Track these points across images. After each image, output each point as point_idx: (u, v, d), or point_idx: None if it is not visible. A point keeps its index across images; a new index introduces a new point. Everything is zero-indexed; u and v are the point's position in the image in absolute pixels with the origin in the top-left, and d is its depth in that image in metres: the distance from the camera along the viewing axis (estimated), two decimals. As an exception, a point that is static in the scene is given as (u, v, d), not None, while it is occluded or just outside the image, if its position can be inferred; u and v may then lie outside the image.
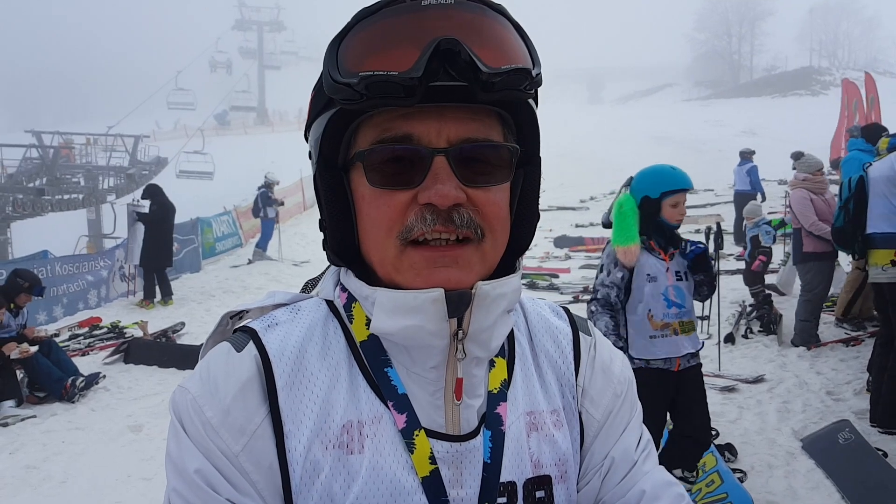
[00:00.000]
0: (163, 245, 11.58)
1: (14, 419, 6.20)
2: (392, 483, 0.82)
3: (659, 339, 3.62)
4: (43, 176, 20.99)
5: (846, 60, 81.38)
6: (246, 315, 0.97)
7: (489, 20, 0.80)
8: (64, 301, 11.03)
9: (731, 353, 7.29)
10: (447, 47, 0.75)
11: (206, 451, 0.81)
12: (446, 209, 0.80)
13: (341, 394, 0.85)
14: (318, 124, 0.87)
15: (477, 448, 0.86)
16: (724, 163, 28.02)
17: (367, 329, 0.88)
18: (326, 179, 0.88)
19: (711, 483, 4.11)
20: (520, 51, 0.81)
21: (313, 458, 0.82)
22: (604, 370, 1.00)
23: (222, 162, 34.43)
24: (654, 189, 3.61)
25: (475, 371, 0.88)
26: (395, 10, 0.78)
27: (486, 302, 0.83)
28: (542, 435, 0.92)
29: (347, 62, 0.78)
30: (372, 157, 0.82)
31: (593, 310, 3.65)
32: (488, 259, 0.85)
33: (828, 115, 34.22)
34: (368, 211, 0.84)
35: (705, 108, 55.68)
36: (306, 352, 0.87)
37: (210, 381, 0.84)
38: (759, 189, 14.63)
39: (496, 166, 0.84)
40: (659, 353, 3.62)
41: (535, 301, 1.07)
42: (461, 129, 0.81)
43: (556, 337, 1.00)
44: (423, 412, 0.86)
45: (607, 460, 0.96)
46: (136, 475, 5.02)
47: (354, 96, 0.78)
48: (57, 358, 7.03)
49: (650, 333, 3.62)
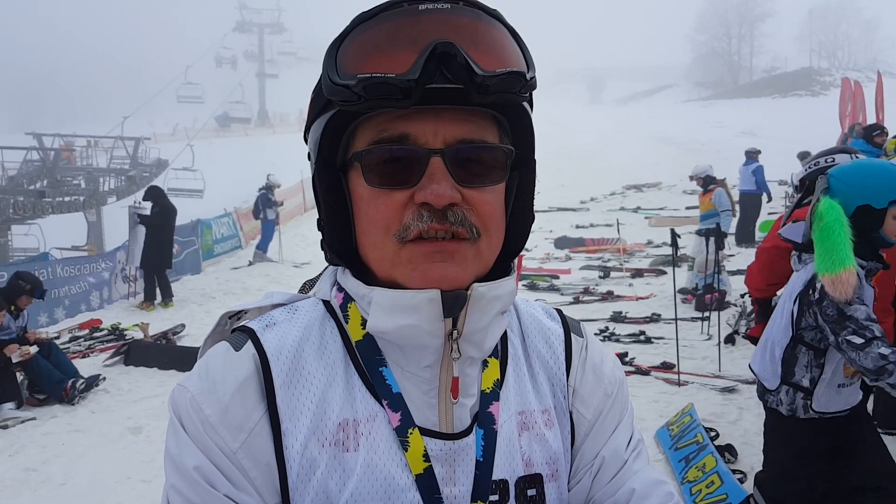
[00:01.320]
0: (164, 247, 11.58)
1: (14, 421, 6.20)
2: (386, 480, 0.84)
3: (846, 387, 2.86)
4: (43, 178, 21.04)
5: (846, 61, 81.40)
6: (244, 315, 0.99)
7: (484, 24, 0.82)
8: (66, 303, 11.04)
9: (732, 353, 7.29)
10: (443, 50, 0.77)
11: (204, 448, 0.82)
12: (441, 208, 0.81)
13: (337, 392, 0.87)
14: (318, 125, 0.89)
15: (470, 446, 0.88)
16: (724, 164, 27.94)
17: (362, 329, 0.89)
18: (325, 179, 0.89)
19: (711, 484, 4.11)
20: (514, 54, 0.83)
21: (310, 455, 0.84)
22: (595, 371, 1.02)
23: (223, 163, 34.52)
24: (883, 196, 2.71)
25: (469, 371, 0.89)
26: (393, 14, 0.80)
27: (481, 303, 0.85)
28: (533, 434, 0.94)
29: (346, 64, 0.80)
30: (369, 158, 0.84)
31: (885, 353, 2.48)
32: (483, 258, 0.87)
33: (828, 116, 34.21)
34: (366, 210, 0.86)
35: (705, 108, 55.74)
36: (303, 351, 0.88)
37: (209, 379, 0.86)
38: (764, 189, 14.55)
39: (491, 167, 0.86)
40: (841, 405, 2.87)
41: (529, 302, 1.08)
42: (457, 130, 0.83)
43: (548, 338, 1.02)
44: (417, 411, 0.87)
45: (598, 459, 0.97)
46: (136, 477, 5.02)
47: (352, 98, 0.79)
48: (57, 360, 7.03)
49: (840, 382, 2.83)
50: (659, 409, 5.68)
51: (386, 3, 0.81)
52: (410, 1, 0.79)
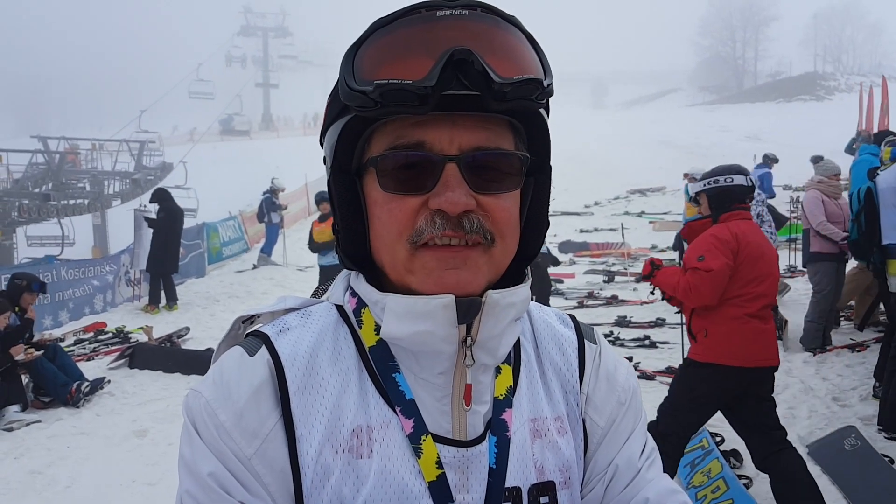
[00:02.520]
0: (169, 250, 11.60)
1: (19, 424, 6.21)
2: (400, 487, 0.83)
3: None
4: (49, 181, 21.10)
5: (850, 65, 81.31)
6: (257, 319, 0.99)
7: (502, 31, 0.81)
8: (70, 306, 11.07)
9: (737, 358, 7.26)
10: (460, 57, 0.77)
11: (219, 454, 0.82)
12: (456, 216, 0.81)
13: (351, 399, 0.87)
14: (334, 130, 0.89)
15: (483, 453, 0.87)
16: (728, 168, 27.96)
17: (375, 334, 0.89)
18: (340, 184, 0.89)
19: (717, 489, 4.10)
20: (532, 61, 0.82)
21: (324, 462, 0.83)
22: (608, 378, 1.01)
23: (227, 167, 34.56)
24: None
25: (482, 378, 0.89)
26: (410, 20, 0.80)
27: (495, 310, 0.85)
28: (545, 441, 0.93)
29: (363, 70, 0.80)
30: (385, 163, 0.84)
31: None
32: (497, 264, 0.87)
33: (832, 121, 34.17)
34: (380, 215, 0.86)
35: (709, 113, 55.68)
36: (317, 357, 0.88)
37: (223, 384, 0.86)
38: (769, 196, 14.56)
39: (506, 174, 0.85)
40: None
41: (542, 308, 1.08)
42: (473, 137, 0.83)
43: (561, 345, 1.01)
44: (430, 417, 0.87)
45: (611, 468, 0.97)
46: (141, 480, 5.02)
47: (369, 103, 0.79)
48: (62, 363, 7.04)
49: None
50: (664, 414, 5.65)
51: (403, 8, 0.81)
52: (428, 7, 0.79)
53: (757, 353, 3.75)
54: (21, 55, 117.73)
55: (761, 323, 3.79)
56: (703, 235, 3.93)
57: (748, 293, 3.78)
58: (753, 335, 3.74)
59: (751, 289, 3.78)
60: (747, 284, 3.78)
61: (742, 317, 3.75)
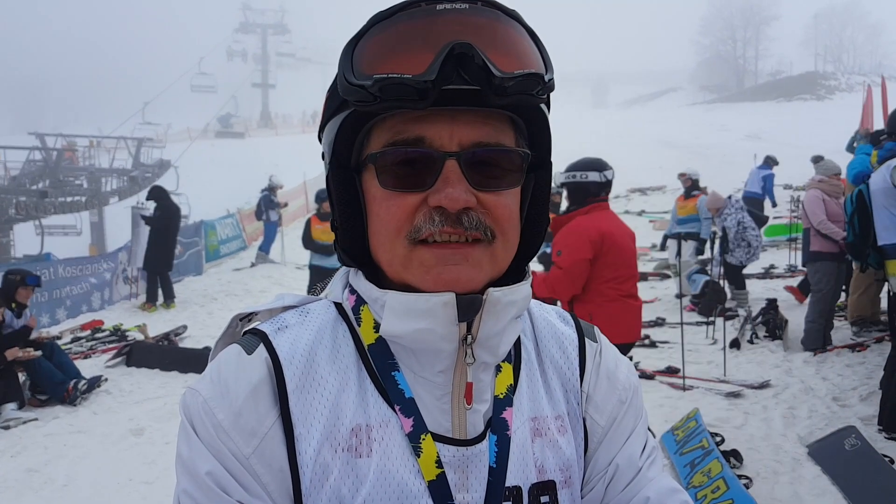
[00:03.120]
0: (167, 248, 11.59)
1: (16, 422, 6.19)
2: (399, 486, 0.83)
3: None
4: (46, 178, 21.04)
5: (851, 65, 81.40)
6: (255, 317, 0.98)
7: (503, 25, 0.80)
8: (67, 303, 11.05)
9: (737, 358, 7.26)
10: (461, 51, 0.76)
11: (217, 453, 0.81)
12: (456, 212, 0.80)
13: (350, 397, 0.86)
14: (332, 125, 0.88)
15: (483, 452, 0.87)
16: (728, 167, 28.03)
17: (374, 332, 0.88)
18: (339, 180, 0.88)
19: (717, 489, 4.09)
20: (533, 56, 0.81)
21: (323, 461, 0.83)
22: (609, 377, 1.01)
23: (225, 164, 34.51)
24: None
25: (482, 376, 0.88)
26: (410, 14, 0.78)
27: (496, 308, 0.84)
28: (546, 440, 0.93)
29: (362, 64, 0.78)
30: (384, 159, 0.83)
31: None
32: (498, 260, 0.86)
33: (832, 120, 34.21)
34: (378, 212, 0.85)
35: (710, 112, 55.73)
36: (316, 355, 0.87)
37: (221, 383, 0.85)
38: (770, 196, 14.63)
39: (507, 170, 0.85)
40: None
41: (543, 306, 1.07)
42: (473, 132, 0.82)
43: (561, 343, 1.01)
44: (430, 416, 0.86)
45: (612, 467, 0.96)
46: (138, 479, 5.01)
47: (368, 98, 0.78)
48: (59, 361, 7.02)
49: None
50: (664, 413, 5.65)
51: (403, 2, 0.79)
52: (428, 1, 0.78)
53: (636, 329, 4.12)
54: (19, 51, 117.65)
55: (635, 301, 4.16)
56: (563, 230, 4.16)
57: (621, 275, 4.09)
58: (635, 312, 4.11)
59: (622, 271, 4.09)
60: (620, 267, 4.08)
61: (619, 298, 4.06)
